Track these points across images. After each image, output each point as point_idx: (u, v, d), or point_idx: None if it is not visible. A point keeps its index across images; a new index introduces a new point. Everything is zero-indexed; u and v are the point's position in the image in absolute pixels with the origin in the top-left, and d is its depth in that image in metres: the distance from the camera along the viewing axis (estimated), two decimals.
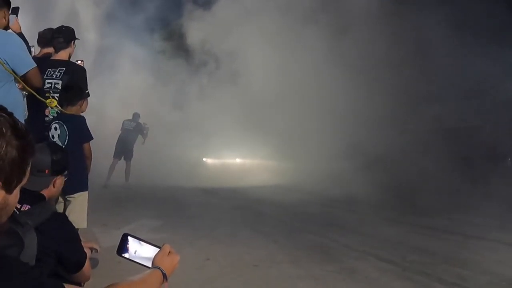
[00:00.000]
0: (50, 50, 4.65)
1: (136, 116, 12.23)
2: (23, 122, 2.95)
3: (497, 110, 12.18)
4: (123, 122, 12.00)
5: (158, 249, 1.53)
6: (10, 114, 1.13)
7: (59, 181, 2.17)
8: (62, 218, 2.00)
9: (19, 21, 4.14)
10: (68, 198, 3.79)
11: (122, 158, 11.61)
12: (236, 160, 16.20)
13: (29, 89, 3.38)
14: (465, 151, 12.36)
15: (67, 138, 3.81)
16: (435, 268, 4.49)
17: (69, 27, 4.55)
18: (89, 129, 4.01)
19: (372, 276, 4.20)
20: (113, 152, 11.49)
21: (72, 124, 3.86)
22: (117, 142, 11.68)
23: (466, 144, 12.56)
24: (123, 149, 11.61)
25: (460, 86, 12.41)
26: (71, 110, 3.91)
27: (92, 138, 4.00)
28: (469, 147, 12.33)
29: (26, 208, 1.83)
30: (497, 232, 6.25)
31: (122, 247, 1.53)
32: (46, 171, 2.10)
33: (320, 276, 4.19)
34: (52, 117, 4.07)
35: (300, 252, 5.09)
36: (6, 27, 3.44)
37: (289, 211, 8.31)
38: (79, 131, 3.90)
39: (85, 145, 3.93)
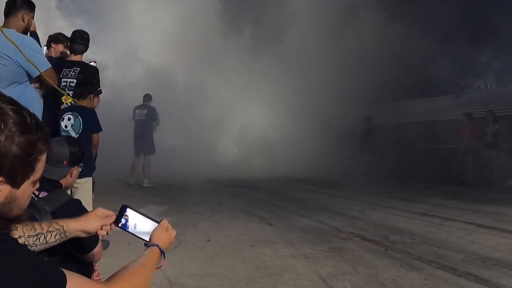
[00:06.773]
0: (60, 47, 4.63)
1: (147, 98, 9.73)
2: (41, 119, 2.90)
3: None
4: (134, 111, 9.73)
5: (156, 224, 1.45)
6: (19, 110, 1.02)
7: (76, 171, 2.17)
8: (77, 204, 2.00)
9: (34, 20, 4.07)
10: (74, 184, 3.82)
11: (142, 153, 9.46)
12: (235, 151, 16.05)
13: (50, 82, 3.28)
14: (438, 143, 12.38)
15: (81, 128, 3.89)
16: (415, 247, 4.52)
17: (88, 34, 4.57)
18: (99, 122, 4.10)
19: (358, 255, 4.22)
20: (133, 149, 9.63)
21: (86, 116, 3.95)
22: (134, 138, 9.67)
23: (441, 136, 12.59)
24: (141, 143, 9.51)
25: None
26: (82, 103, 4.03)
27: (101, 130, 4.12)
28: (443, 139, 12.35)
29: (44, 195, 1.83)
30: (469, 215, 6.28)
31: (119, 217, 1.47)
32: (65, 162, 2.10)
33: (310, 254, 4.21)
34: None
35: (292, 233, 5.11)
36: (25, 29, 3.28)
37: (282, 197, 8.32)
38: (91, 122, 3.99)
39: (94, 135, 4.05)
